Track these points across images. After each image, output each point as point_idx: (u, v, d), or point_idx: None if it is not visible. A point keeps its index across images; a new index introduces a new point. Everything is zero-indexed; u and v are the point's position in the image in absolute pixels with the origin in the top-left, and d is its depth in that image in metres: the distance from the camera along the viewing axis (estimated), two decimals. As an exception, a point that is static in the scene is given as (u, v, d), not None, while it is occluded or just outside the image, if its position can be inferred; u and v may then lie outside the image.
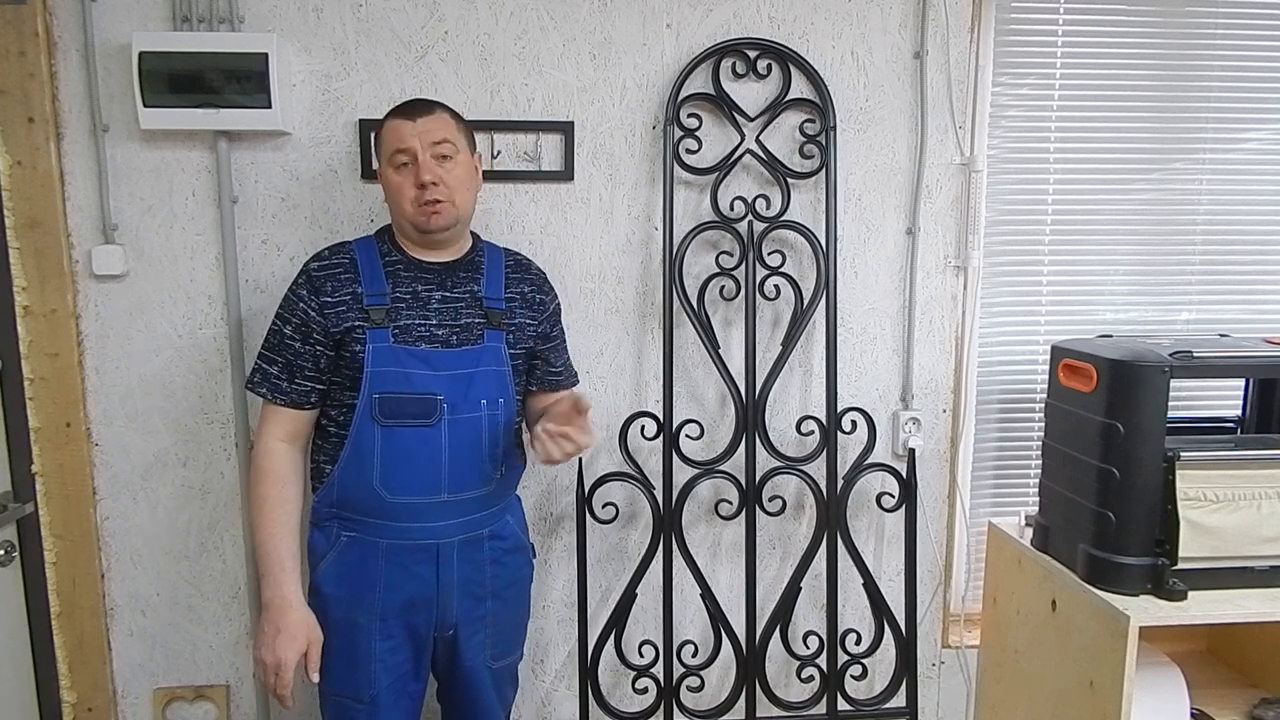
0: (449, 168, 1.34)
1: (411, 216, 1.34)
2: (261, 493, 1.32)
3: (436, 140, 1.33)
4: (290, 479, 1.34)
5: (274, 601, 1.28)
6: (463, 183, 1.36)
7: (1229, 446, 1.35)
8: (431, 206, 1.32)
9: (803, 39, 1.70)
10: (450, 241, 1.40)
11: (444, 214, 1.34)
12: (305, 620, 1.30)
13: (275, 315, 1.36)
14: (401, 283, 1.36)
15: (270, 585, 1.29)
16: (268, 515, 1.31)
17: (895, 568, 1.86)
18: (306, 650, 1.29)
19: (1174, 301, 1.88)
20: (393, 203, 1.36)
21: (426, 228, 1.34)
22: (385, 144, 1.35)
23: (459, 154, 1.36)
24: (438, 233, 1.35)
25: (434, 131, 1.33)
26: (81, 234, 1.58)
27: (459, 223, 1.38)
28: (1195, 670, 1.60)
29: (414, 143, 1.32)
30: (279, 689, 1.28)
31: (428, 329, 1.35)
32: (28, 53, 1.50)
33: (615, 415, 1.73)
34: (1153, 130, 1.82)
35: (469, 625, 1.40)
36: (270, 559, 1.30)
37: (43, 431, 1.59)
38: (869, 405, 1.77)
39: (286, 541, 1.31)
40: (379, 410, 1.30)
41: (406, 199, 1.33)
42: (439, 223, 1.34)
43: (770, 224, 1.70)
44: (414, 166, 1.32)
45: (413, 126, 1.32)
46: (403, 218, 1.36)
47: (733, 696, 1.75)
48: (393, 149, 1.33)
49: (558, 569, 1.79)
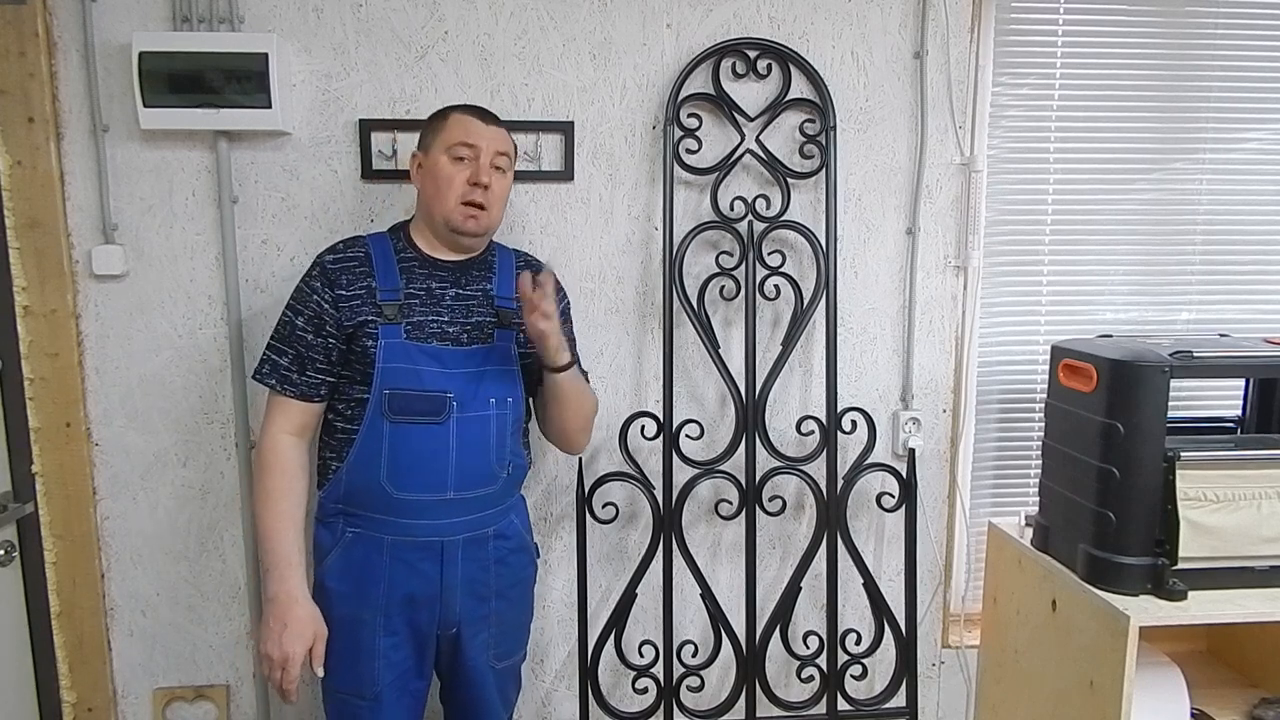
0: (498, 179, 1.38)
1: (451, 211, 1.35)
2: (266, 486, 1.32)
3: (501, 151, 1.38)
4: (296, 472, 1.34)
5: (279, 596, 1.28)
6: (501, 199, 1.41)
7: (1229, 446, 1.35)
8: (473, 209, 1.35)
9: (803, 39, 1.70)
10: (471, 249, 1.43)
11: (481, 221, 1.37)
12: (311, 615, 1.30)
13: (286, 306, 1.36)
14: (416, 279, 1.37)
15: (275, 580, 1.29)
16: (272, 509, 1.31)
17: (895, 568, 1.85)
18: (312, 645, 1.29)
19: (1174, 301, 1.88)
20: (434, 192, 1.36)
21: (462, 229, 1.36)
22: (448, 134, 1.36)
23: (507, 173, 1.41)
24: (469, 236, 1.38)
25: (501, 143, 1.39)
26: (81, 234, 1.58)
27: (488, 233, 1.42)
28: (1195, 670, 1.60)
29: (483, 143, 1.35)
30: (285, 684, 1.28)
31: (440, 326, 1.36)
32: (28, 53, 1.50)
33: (615, 415, 1.73)
34: (1153, 130, 1.82)
35: (473, 624, 1.40)
36: (275, 553, 1.30)
37: (43, 431, 1.59)
38: (869, 405, 1.77)
39: (291, 535, 1.31)
40: (389, 406, 1.31)
41: (455, 191, 1.35)
42: (474, 227, 1.37)
43: (770, 224, 1.70)
44: (473, 165, 1.35)
45: (485, 129, 1.37)
46: (442, 209, 1.36)
47: (733, 696, 1.75)
48: (459, 140, 1.35)
49: (558, 569, 1.79)
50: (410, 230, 1.43)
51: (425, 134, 1.40)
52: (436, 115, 1.40)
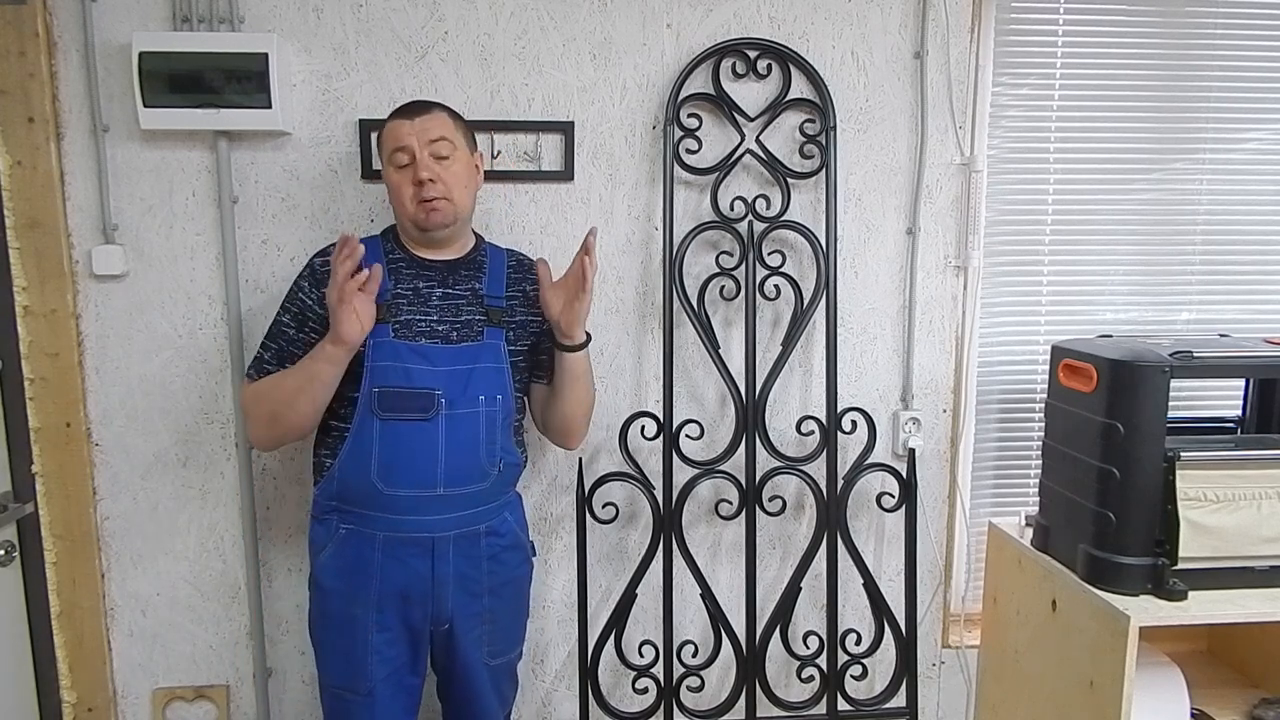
0: (446, 165, 1.36)
1: (411, 215, 1.37)
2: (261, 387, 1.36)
3: (434, 139, 1.35)
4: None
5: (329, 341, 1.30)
6: (460, 180, 1.38)
7: (1229, 446, 1.35)
8: (429, 204, 1.35)
9: (803, 39, 1.70)
10: (451, 239, 1.43)
11: (442, 210, 1.36)
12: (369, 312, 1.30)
13: (279, 308, 1.41)
14: (404, 280, 1.39)
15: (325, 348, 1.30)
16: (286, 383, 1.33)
17: (895, 568, 1.85)
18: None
19: (1174, 301, 1.88)
20: (394, 202, 1.39)
21: (425, 225, 1.37)
22: (385, 144, 1.38)
23: (457, 152, 1.38)
24: (436, 230, 1.38)
25: (431, 130, 1.35)
26: (81, 234, 1.58)
27: (458, 220, 1.40)
28: (1195, 670, 1.59)
29: (411, 141, 1.34)
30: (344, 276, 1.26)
31: (428, 324, 1.37)
32: (28, 53, 1.50)
33: (615, 415, 1.73)
34: (1153, 130, 1.82)
35: (466, 621, 1.40)
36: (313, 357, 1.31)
37: (43, 431, 1.59)
38: (869, 405, 1.77)
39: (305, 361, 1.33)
40: (378, 404, 1.32)
41: (406, 197, 1.36)
42: (437, 220, 1.36)
43: (770, 224, 1.70)
44: (412, 165, 1.35)
45: (410, 125, 1.35)
46: (403, 216, 1.39)
47: (733, 696, 1.75)
48: (392, 148, 1.36)
49: (558, 569, 1.79)
50: (399, 231, 1.45)
51: (377, 147, 1.43)
52: (380, 127, 1.41)
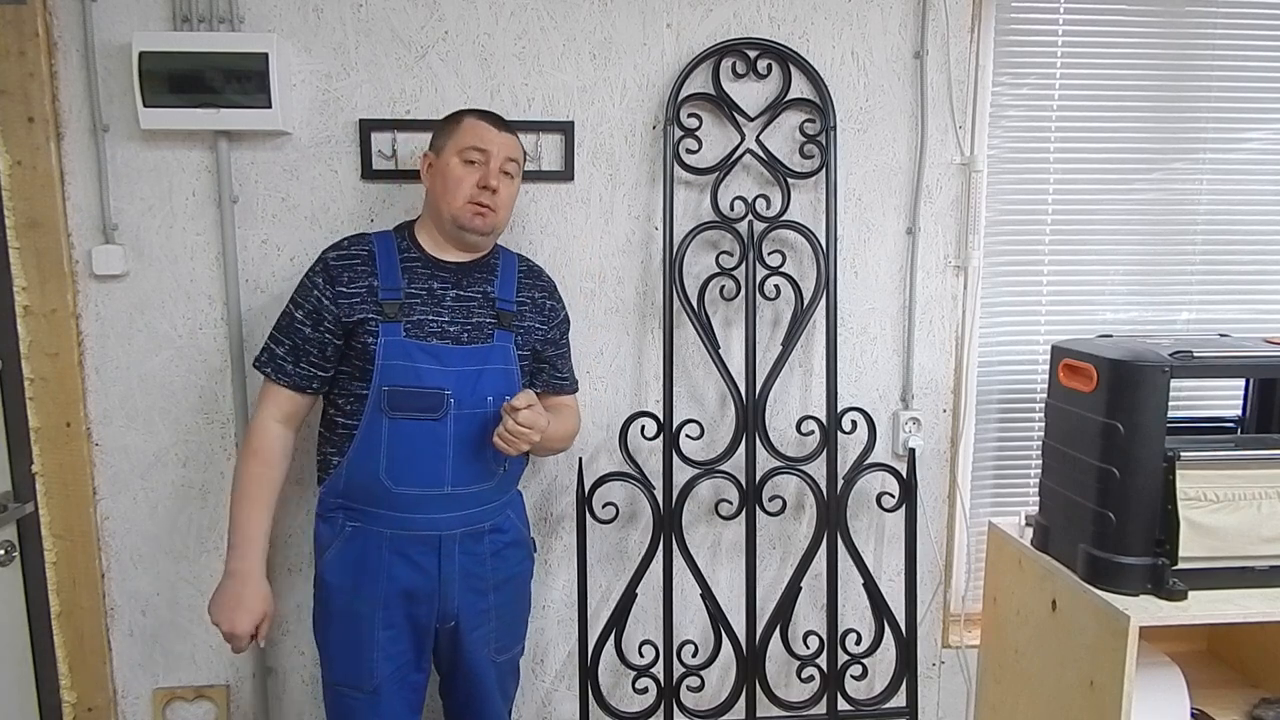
0: (507, 184, 1.41)
1: (459, 209, 1.38)
2: (249, 469, 1.38)
3: (511, 157, 1.41)
4: (278, 461, 1.40)
5: (238, 572, 1.35)
6: (510, 202, 1.44)
7: (1229, 446, 1.35)
8: (482, 208, 1.38)
9: (803, 39, 1.70)
10: (477, 247, 1.44)
11: (488, 220, 1.40)
12: (264, 594, 1.38)
13: (289, 299, 1.40)
14: (417, 279, 1.40)
15: (237, 557, 1.36)
16: (249, 492, 1.37)
17: (895, 568, 1.85)
18: (260, 623, 1.36)
19: (1174, 301, 1.88)
20: (443, 191, 1.39)
21: (468, 225, 1.38)
22: (461, 138, 1.39)
23: (515, 179, 1.44)
24: (476, 234, 1.40)
25: (512, 149, 1.42)
26: (81, 234, 1.58)
27: (494, 234, 1.44)
28: (1195, 670, 1.60)
29: (494, 149, 1.38)
30: (234, 649, 1.37)
31: (440, 325, 1.38)
32: (28, 53, 1.50)
33: (615, 415, 1.73)
34: (1153, 130, 1.82)
35: (472, 618, 1.41)
36: (242, 532, 1.36)
37: (43, 431, 1.59)
38: (869, 405, 1.77)
39: (260, 518, 1.38)
40: (388, 402, 1.33)
41: (463, 193, 1.37)
42: (480, 224, 1.39)
43: (770, 224, 1.70)
44: (483, 168, 1.38)
45: (497, 135, 1.40)
46: (450, 209, 1.39)
47: (733, 696, 1.75)
48: (471, 144, 1.38)
49: (558, 569, 1.79)
50: (416, 230, 1.45)
51: (438, 135, 1.42)
52: (450, 118, 1.43)
